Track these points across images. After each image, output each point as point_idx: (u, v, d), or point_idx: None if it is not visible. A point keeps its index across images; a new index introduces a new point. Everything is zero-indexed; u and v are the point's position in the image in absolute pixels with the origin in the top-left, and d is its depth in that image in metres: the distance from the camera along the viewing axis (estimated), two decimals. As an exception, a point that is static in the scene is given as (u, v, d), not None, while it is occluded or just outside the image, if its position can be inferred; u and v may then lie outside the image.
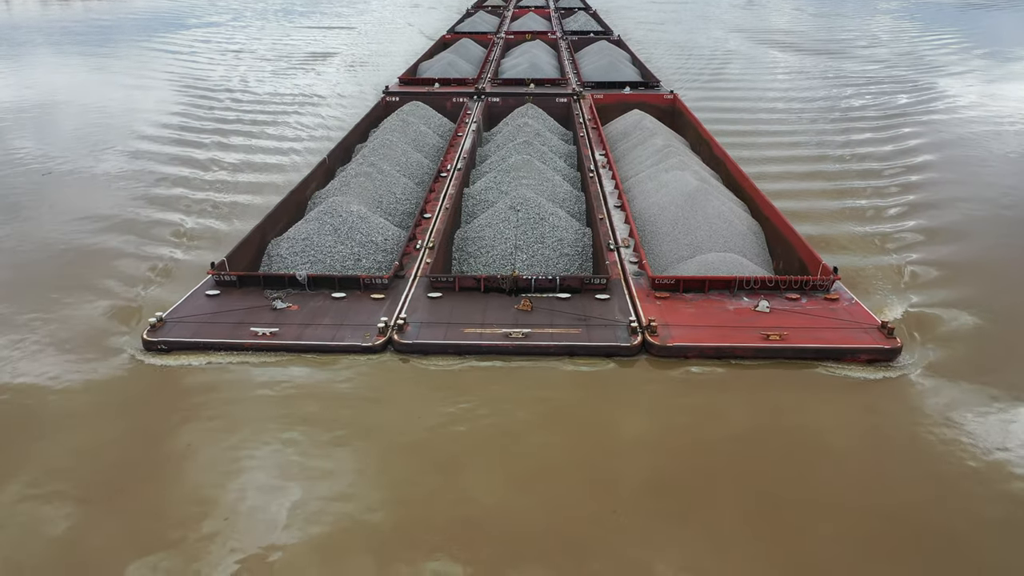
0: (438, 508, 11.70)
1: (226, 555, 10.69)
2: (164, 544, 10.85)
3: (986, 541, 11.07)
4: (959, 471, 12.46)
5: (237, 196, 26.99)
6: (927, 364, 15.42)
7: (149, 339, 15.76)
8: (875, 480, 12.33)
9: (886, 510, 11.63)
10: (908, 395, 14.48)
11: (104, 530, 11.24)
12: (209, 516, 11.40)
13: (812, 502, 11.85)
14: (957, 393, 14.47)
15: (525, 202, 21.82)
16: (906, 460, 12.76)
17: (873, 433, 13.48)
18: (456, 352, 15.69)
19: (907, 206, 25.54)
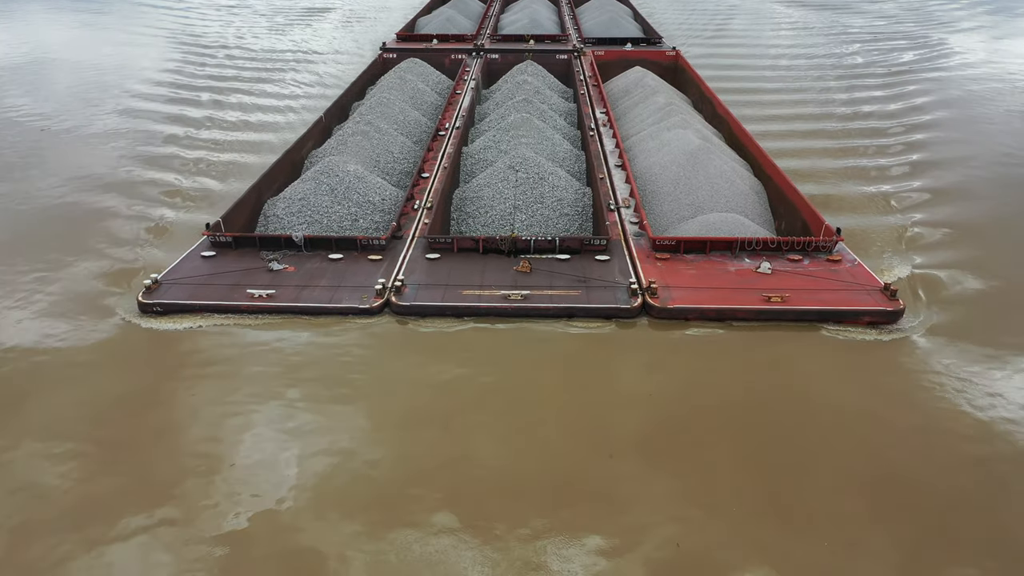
0: (438, 461, 11.76)
1: (230, 505, 10.77)
2: (167, 496, 10.91)
3: (972, 496, 11.12)
4: (953, 431, 12.42)
5: (232, 155, 26.64)
6: (930, 326, 15.29)
7: (144, 301, 15.59)
8: (869, 436, 12.32)
9: (879, 466, 11.66)
10: (909, 357, 14.36)
11: (106, 482, 11.26)
12: (211, 468, 11.46)
13: (806, 455, 11.91)
14: (958, 355, 14.33)
15: (524, 161, 21.49)
16: (903, 419, 12.68)
17: (871, 392, 13.38)
18: (454, 314, 15.54)
19: (912, 165, 25.21)
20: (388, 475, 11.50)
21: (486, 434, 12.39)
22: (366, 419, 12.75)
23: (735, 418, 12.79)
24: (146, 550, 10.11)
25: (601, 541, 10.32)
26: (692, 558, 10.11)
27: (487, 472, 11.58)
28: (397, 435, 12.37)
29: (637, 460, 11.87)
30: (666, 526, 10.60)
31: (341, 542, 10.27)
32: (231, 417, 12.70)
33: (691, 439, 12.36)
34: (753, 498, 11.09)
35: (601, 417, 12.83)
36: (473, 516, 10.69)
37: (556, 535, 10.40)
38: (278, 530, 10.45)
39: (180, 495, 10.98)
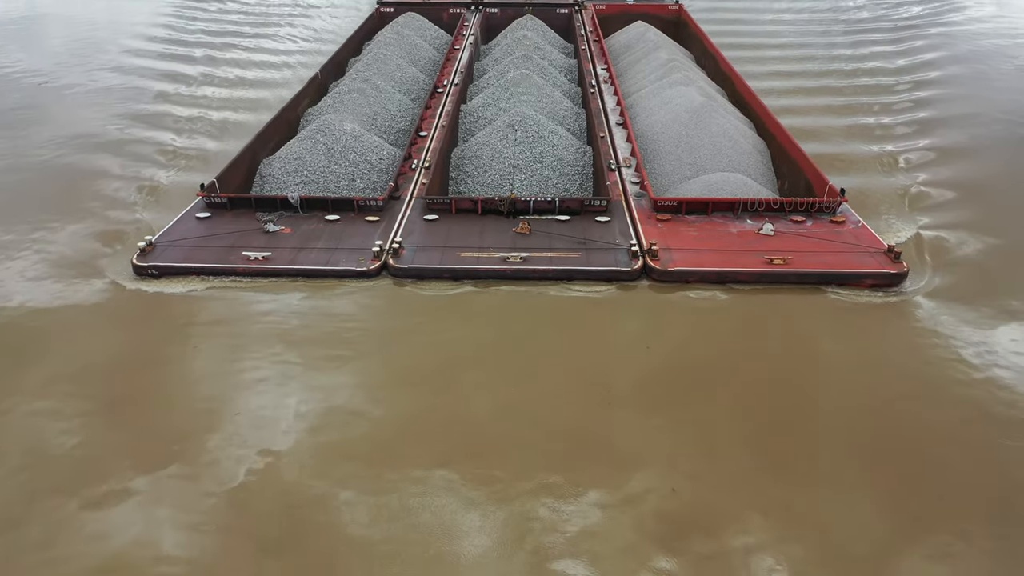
0: (437, 416, 11.85)
1: (233, 461, 10.85)
2: (169, 453, 11.00)
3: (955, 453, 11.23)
4: (947, 392, 12.40)
5: (227, 113, 26.20)
6: (933, 289, 15.10)
7: (139, 264, 15.39)
8: (865, 394, 12.34)
9: (873, 421, 11.75)
10: (911, 319, 14.20)
11: (108, 438, 11.35)
12: (212, 426, 11.52)
13: (801, 410, 12.03)
14: (960, 318, 14.16)
15: (524, 120, 21.10)
16: (898, 381, 12.61)
17: (869, 353, 13.30)
18: (452, 276, 15.35)
19: (918, 123, 24.77)
20: (388, 429, 11.57)
21: (485, 390, 12.41)
22: (365, 378, 12.72)
23: (733, 373, 12.81)
24: (151, 504, 10.20)
25: (597, 486, 10.46)
26: (687, 503, 10.31)
27: (485, 425, 11.67)
28: (396, 392, 12.36)
29: (635, 410, 11.98)
30: (662, 472, 10.76)
31: (343, 492, 10.36)
32: (230, 377, 12.66)
33: (688, 392, 12.45)
34: (748, 447, 11.24)
35: (599, 372, 12.83)
36: (472, 466, 10.79)
37: (554, 482, 10.53)
38: (280, 483, 10.53)
39: (181, 452, 11.03)
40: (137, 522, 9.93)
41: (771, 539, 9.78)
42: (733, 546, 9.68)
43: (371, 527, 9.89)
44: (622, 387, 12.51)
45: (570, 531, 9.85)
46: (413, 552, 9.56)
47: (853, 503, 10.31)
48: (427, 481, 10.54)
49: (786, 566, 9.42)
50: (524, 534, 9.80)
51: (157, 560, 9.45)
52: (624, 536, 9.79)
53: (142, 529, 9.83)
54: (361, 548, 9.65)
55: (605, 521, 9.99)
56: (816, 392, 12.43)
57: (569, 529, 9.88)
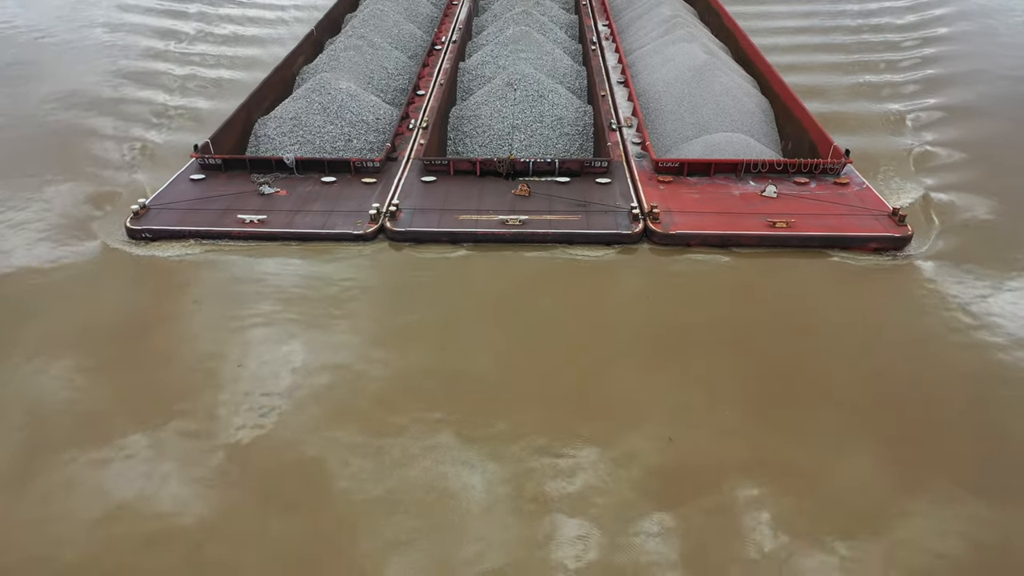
0: (438, 367, 11.93)
1: (233, 417, 10.91)
2: (169, 411, 11.04)
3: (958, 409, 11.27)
4: (948, 355, 12.32)
5: (221, 71, 25.68)
6: (938, 252, 14.89)
7: (133, 227, 15.17)
8: (863, 353, 12.30)
9: (870, 378, 11.75)
10: (914, 284, 14.02)
11: (112, 388, 11.42)
12: (211, 383, 11.55)
13: (800, 366, 12.07)
14: (964, 282, 13.99)
15: (523, 78, 20.69)
16: (899, 344, 12.52)
17: (870, 315, 13.20)
18: (451, 240, 15.14)
19: (925, 82, 24.26)
20: (387, 385, 11.59)
21: (483, 348, 12.43)
22: (363, 336, 12.67)
23: (733, 333, 12.76)
24: (154, 460, 10.24)
25: (595, 437, 10.59)
26: (683, 451, 10.44)
27: (484, 382, 11.70)
28: (395, 350, 12.32)
29: (634, 366, 12.05)
30: (660, 422, 10.90)
31: (344, 444, 10.46)
32: (229, 335, 12.62)
33: (688, 350, 12.44)
34: (746, 401, 11.31)
35: (599, 330, 12.81)
36: (472, 421, 10.87)
37: (553, 433, 10.65)
38: (282, 437, 10.60)
39: (181, 411, 11.06)
40: (139, 478, 9.98)
41: (769, 492, 9.84)
42: (730, 497, 9.78)
43: (372, 479, 9.98)
44: (621, 344, 12.53)
45: (568, 481, 9.96)
46: (414, 500, 9.68)
47: (853, 457, 10.38)
48: (426, 434, 10.63)
49: (783, 518, 9.50)
50: (524, 483, 9.92)
51: (158, 516, 9.51)
52: (621, 486, 9.90)
53: (144, 485, 9.89)
54: (363, 498, 9.73)
55: (602, 472, 10.10)
56: (816, 352, 12.38)
57: (567, 479, 9.99)
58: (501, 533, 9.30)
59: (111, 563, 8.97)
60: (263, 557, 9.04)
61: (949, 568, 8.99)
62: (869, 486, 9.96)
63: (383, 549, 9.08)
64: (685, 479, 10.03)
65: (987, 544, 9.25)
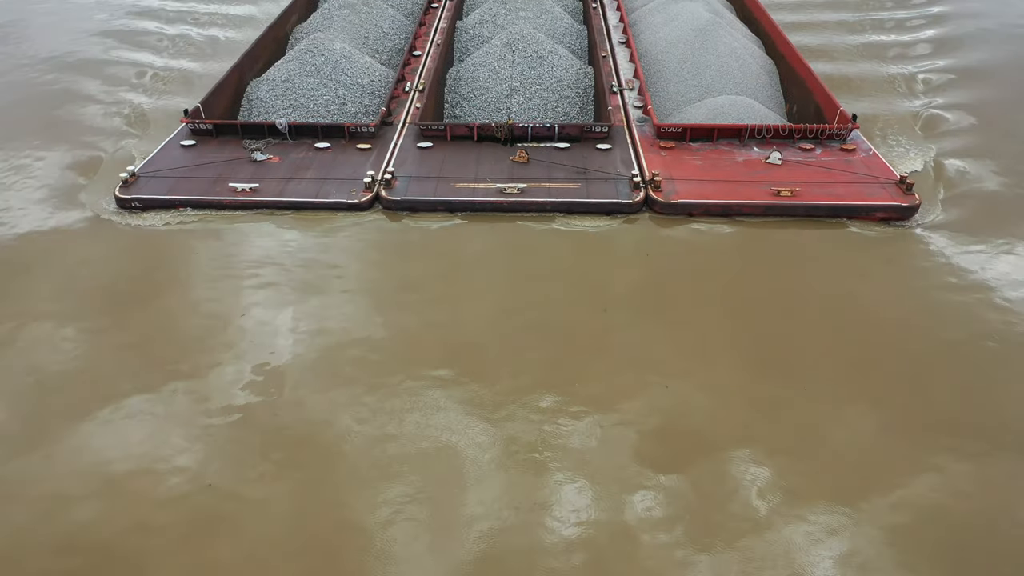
0: (437, 328, 11.91)
1: (234, 377, 10.95)
2: (173, 372, 11.07)
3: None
4: (950, 316, 12.20)
5: (213, 31, 25.00)
6: (944, 220, 14.54)
7: (122, 196, 14.81)
8: (864, 317, 12.19)
9: (863, 342, 11.69)
10: (919, 253, 13.70)
11: (113, 359, 11.34)
12: (215, 338, 11.63)
13: (795, 327, 12.05)
14: (969, 250, 13.69)
15: (522, 38, 20.11)
16: (900, 308, 12.34)
17: (871, 283, 12.98)
18: (447, 209, 14.80)
19: (935, 42, 23.58)
20: (386, 348, 11.55)
21: (481, 307, 12.37)
22: (362, 301, 12.51)
23: (731, 297, 12.65)
24: (157, 421, 10.29)
25: (592, 387, 10.75)
26: (678, 397, 10.63)
27: (483, 341, 11.67)
28: (393, 311, 12.23)
29: (630, 318, 12.14)
30: (655, 371, 11.05)
31: (346, 396, 10.58)
32: (230, 296, 12.56)
33: (684, 308, 12.42)
34: (739, 354, 11.35)
35: (597, 294, 12.71)
36: (471, 375, 10.94)
37: (551, 383, 10.79)
38: (281, 398, 10.61)
39: (181, 372, 11.07)
40: (141, 433, 10.07)
41: (760, 434, 10.01)
42: (722, 441, 9.96)
43: (374, 427, 10.10)
44: (619, 295, 12.67)
45: (564, 429, 10.12)
46: (413, 449, 9.81)
47: (842, 406, 10.50)
48: (425, 390, 10.71)
49: (772, 464, 9.65)
50: (522, 431, 10.07)
51: (165, 472, 9.59)
52: (615, 434, 10.06)
53: (147, 439, 10.00)
54: (364, 447, 9.85)
55: (598, 420, 10.24)
56: (816, 317, 12.28)
57: (564, 427, 10.14)
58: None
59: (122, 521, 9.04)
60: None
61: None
62: (856, 433, 10.05)
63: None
64: (680, 426, 10.15)
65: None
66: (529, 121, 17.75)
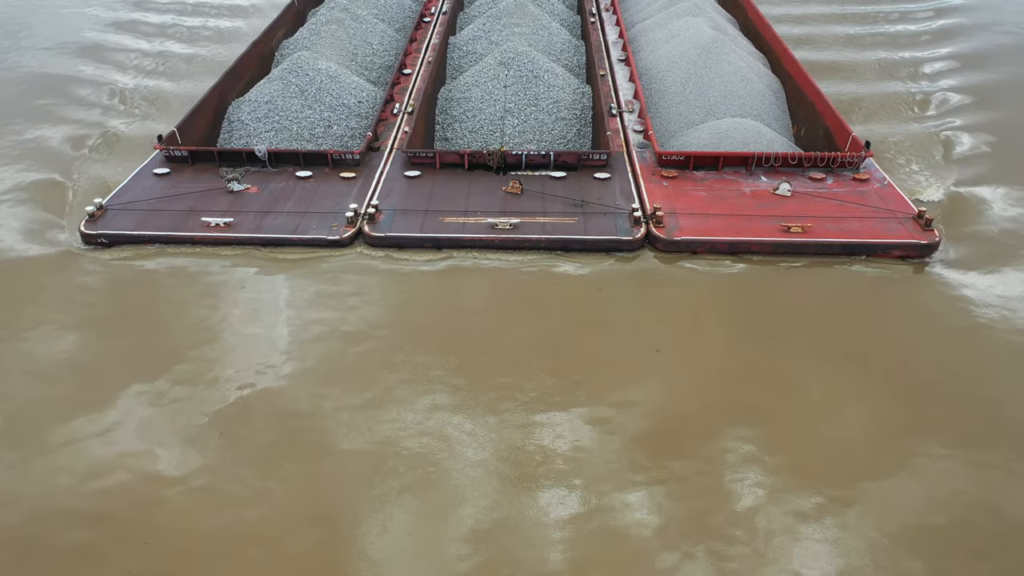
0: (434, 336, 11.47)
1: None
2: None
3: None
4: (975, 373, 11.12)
5: (195, 48, 24.01)
6: (967, 260, 13.53)
7: (87, 232, 13.84)
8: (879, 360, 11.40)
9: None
10: (940, 296, 12.71)
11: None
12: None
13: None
14: (996, 294, 12.74)
15: (517, 57, 19.19)
16: (918, 356, 11.37)
17: (888, 330, 12.06)
18: (435, 246, 13.83)
19: (948, 59, 22.60)
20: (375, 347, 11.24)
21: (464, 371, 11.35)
22: (339, 347, 11.63)
23: (723, 337, 11.92)
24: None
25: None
26: (671, 361, 11.22)
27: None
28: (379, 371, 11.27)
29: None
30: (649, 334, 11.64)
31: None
32: (199, 337, 11.77)
33: (682, 345, 11.82)
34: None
35: (587, 368, 11.51)
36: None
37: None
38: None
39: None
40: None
41: (751, 395, 10.36)
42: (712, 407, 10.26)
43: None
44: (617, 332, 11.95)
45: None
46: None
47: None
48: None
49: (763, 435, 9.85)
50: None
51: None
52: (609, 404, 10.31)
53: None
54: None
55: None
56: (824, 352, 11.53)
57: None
58: None
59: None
60: None
61: None
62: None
63: None
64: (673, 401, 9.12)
65: None
66: (523, 148, 16.84)
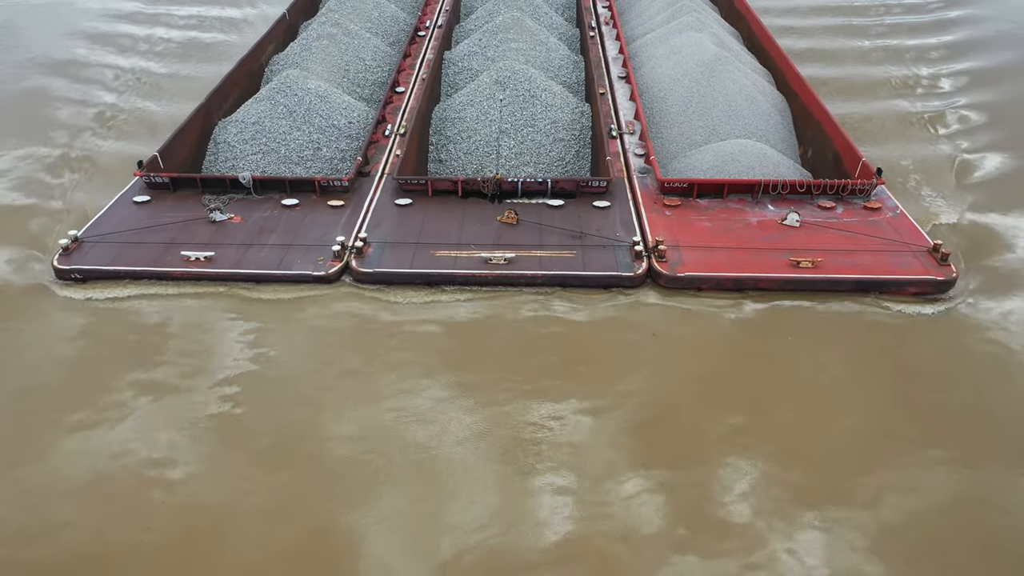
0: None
1: None
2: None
3: None
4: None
5: (180, 66, 23.26)
6: (986, 295, 12.87)
7: (61, 267, 13.16)
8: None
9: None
10: (958, 337, 12.05)
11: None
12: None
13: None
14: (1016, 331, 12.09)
15: (513, 75, 18.51)
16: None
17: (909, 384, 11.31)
18: (425, 282, 13.15)
19: (959, 75, 21.90)
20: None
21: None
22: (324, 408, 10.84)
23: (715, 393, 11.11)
24: None
25: None
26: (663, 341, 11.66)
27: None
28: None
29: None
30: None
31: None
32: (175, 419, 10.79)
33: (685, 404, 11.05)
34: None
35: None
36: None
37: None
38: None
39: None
40: None
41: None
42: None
43: None
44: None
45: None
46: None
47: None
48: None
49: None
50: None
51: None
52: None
53: None
54: None
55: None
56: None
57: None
58: None
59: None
60: None
61: None
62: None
63: None
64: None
65: None
66: (519, 174, 16.17)
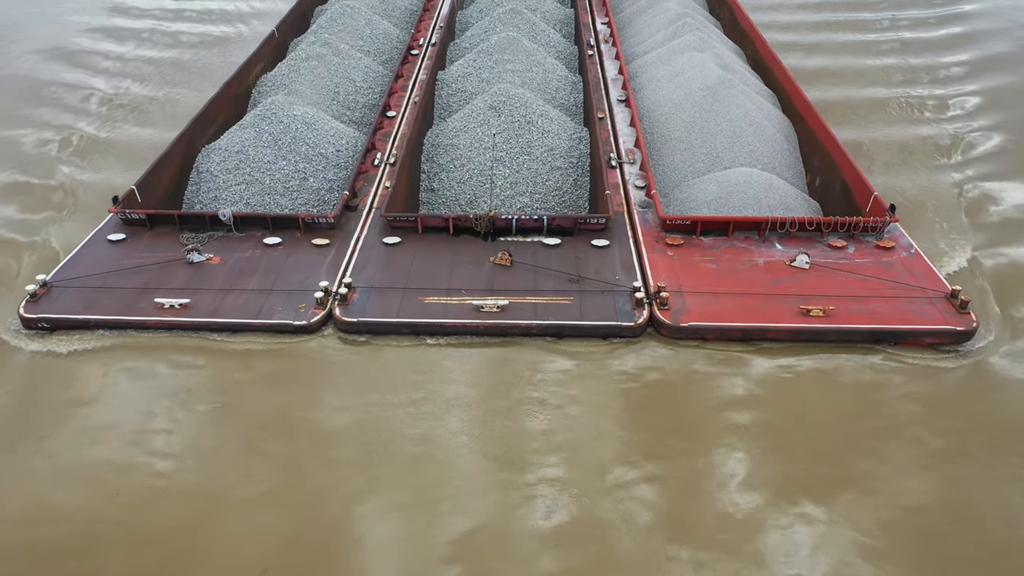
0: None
1: None
2: None
3: None
4: None
5: (163, 90, 22.47)
6: (1008, 345, 12.13)
7: (28, 315, 12.41)
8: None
9: None
10: (980, 393, 11.32)
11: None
12: None
13: None
14: None
15: (509, 100, 17.77)
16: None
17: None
18: (413, 332, 12.39)
19: (973, 96, 21.10)
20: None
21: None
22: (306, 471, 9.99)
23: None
24: None
25: None
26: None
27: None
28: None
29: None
30: None
31: None
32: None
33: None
34: None
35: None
36: None
37: None
38: None
39: None
40: None
41: None
42: None
43: None
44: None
45: None
46: None
47: None
48: None
49: None
50: None
51: None
52: None
53: None
54: None
55: None
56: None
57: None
58: None
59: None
60: None
61: None
62: None
63: None
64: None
65: None
66: (513, 211, 15.42)
